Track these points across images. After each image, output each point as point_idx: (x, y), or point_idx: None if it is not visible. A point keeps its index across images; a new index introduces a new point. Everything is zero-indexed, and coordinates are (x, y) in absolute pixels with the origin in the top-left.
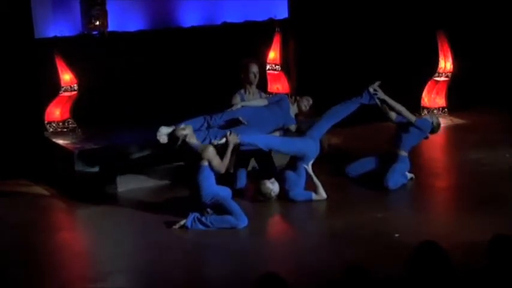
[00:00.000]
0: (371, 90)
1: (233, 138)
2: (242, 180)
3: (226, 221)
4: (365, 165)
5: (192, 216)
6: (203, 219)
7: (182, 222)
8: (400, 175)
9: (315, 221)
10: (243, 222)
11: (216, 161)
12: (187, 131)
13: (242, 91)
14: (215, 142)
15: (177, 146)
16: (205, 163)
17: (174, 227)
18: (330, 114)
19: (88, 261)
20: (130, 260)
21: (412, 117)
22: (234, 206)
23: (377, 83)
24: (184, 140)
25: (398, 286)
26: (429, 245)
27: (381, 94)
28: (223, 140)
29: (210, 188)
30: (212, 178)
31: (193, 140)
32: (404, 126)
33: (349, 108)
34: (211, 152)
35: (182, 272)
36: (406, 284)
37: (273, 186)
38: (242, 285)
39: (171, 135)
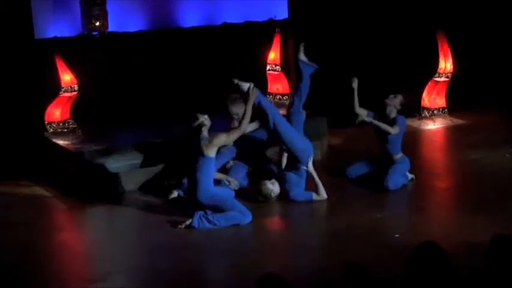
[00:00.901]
0: (301, 57)
1: (254, 92)
2: (243, 180)
3: (231, 218)
4: (365, 166)
5: (198, 215)
6: (209, 217)
7: (188, 222)
8: (400, 176)
9: (315, 221)
10: (247, 217)
11: (231, 134)
12: (206, 122)
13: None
14: (237, 81)
15: (192, 127)
16: (211, 155)
17: (179, 226)
18: (297, 109)
19: (88, 261)
20: (130, 260)
21: (394, 130)
22: (236, 204)
23: (302, 47)
24: (200, 127)
25: (398, 286)
26: (429, 245)
27: (370, 119)
28: (246, 86)
29: (209, 185)
30: (211, 176)
31: (205, 133)
32: (383, 134)
33: (305, 89)
34: (223, 134)
35: (182, 272)
36: (406, 284)
37: (273, 187)
38: (242, 285)
39: (193, 118)
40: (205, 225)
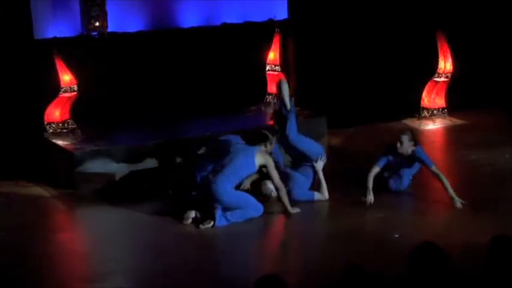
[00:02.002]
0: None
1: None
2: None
3: (246, 214)
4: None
5: (219, 214)
6: (228, 215)
7: (211, 224)
8: (407, 180)
9: (315, 221)
10: (260, 210)
11: (275, 171)
12: (273, 143)
13: None
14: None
15: (260, 134)
16: (256, 163)
17: (201, 226)
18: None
19: (87, 262)
20: (129, 260)
21: (446, 181)
22: (251, 201)
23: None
24: (266, 140)
25: (398, 286)
26: (429, 245)
27: None
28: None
29: (233, 185)
30: (240, 180)
31: (263, 147)
32: (402, 168)
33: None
34: (274, 165)
35: (182, 272)
36: (406, 284)
37: (273, 187)
38: (242, 285)
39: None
40: (223, 223)
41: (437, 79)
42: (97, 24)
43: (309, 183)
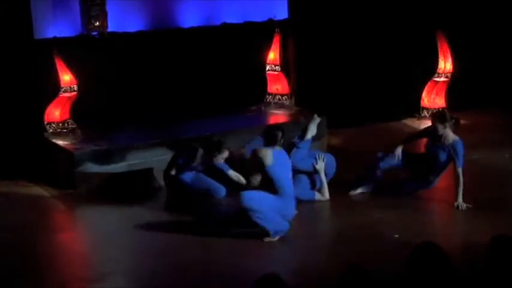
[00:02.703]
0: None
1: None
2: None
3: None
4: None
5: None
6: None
7: (275, 238)
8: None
9: (315, 221)
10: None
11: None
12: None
13: None
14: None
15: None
16: None
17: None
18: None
19: (87, 262)
20: (129, 260)
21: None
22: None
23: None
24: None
25: (399, 286)
26: (429, 245)
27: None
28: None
29: None
30: None
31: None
32: (433, 160)
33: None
34: None
35: (182, 272)
36: (406, 284)
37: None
38: (243, 285)
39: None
40: None
41: (437, 79)
42: (97, 24)
43: (311, 183)
